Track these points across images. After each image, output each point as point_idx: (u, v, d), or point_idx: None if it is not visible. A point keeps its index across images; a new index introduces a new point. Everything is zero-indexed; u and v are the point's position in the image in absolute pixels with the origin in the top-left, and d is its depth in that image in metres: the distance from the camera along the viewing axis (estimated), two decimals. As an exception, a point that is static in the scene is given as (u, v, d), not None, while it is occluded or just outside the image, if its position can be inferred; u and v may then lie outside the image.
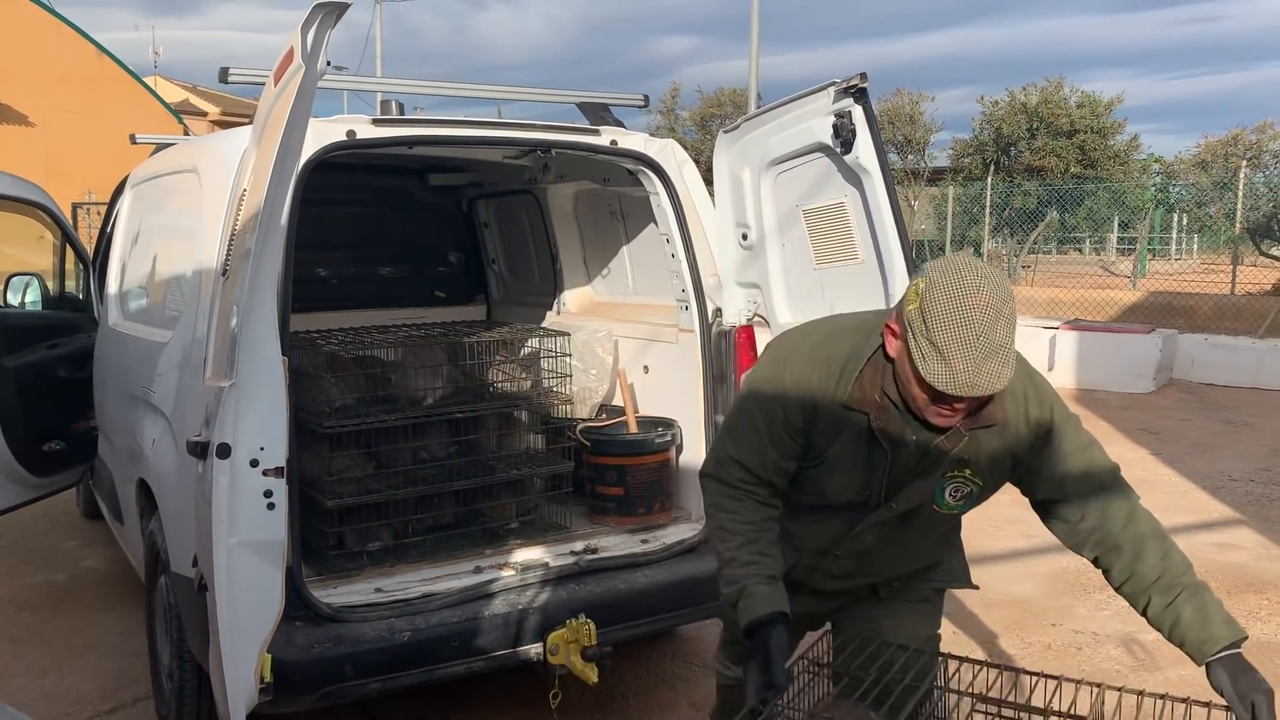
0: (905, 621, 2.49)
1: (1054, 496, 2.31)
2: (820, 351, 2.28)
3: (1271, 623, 4.82)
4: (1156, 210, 24.25)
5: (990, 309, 1.96)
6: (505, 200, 5.50)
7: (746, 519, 2.30)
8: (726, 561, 2.29)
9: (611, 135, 3.89)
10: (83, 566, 5.64)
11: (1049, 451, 2.26)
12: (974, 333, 1.95)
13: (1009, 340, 2.00)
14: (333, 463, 3.86)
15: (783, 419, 2.27)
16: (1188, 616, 2.16)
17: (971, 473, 2.26)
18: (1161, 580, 2.20)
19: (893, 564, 2.47)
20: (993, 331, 1.96)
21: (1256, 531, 6.19)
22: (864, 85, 3.23)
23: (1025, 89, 29.19)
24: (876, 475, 2.26)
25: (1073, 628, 4.75)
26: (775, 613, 2.19)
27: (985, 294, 1.97)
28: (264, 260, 2.64)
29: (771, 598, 2.21)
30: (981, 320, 1.96)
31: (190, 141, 5.40)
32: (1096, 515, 2.27)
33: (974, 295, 1.97)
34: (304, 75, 2.40)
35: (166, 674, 3.61)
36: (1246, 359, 11.45)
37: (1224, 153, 27.95)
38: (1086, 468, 2.27)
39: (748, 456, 2.30)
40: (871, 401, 2.19)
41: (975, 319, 1.96)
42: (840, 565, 2.44)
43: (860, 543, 2.37)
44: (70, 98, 22.28)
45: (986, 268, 2.04)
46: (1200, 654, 2.15)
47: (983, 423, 2.16)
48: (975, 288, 1.97)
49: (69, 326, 5.43)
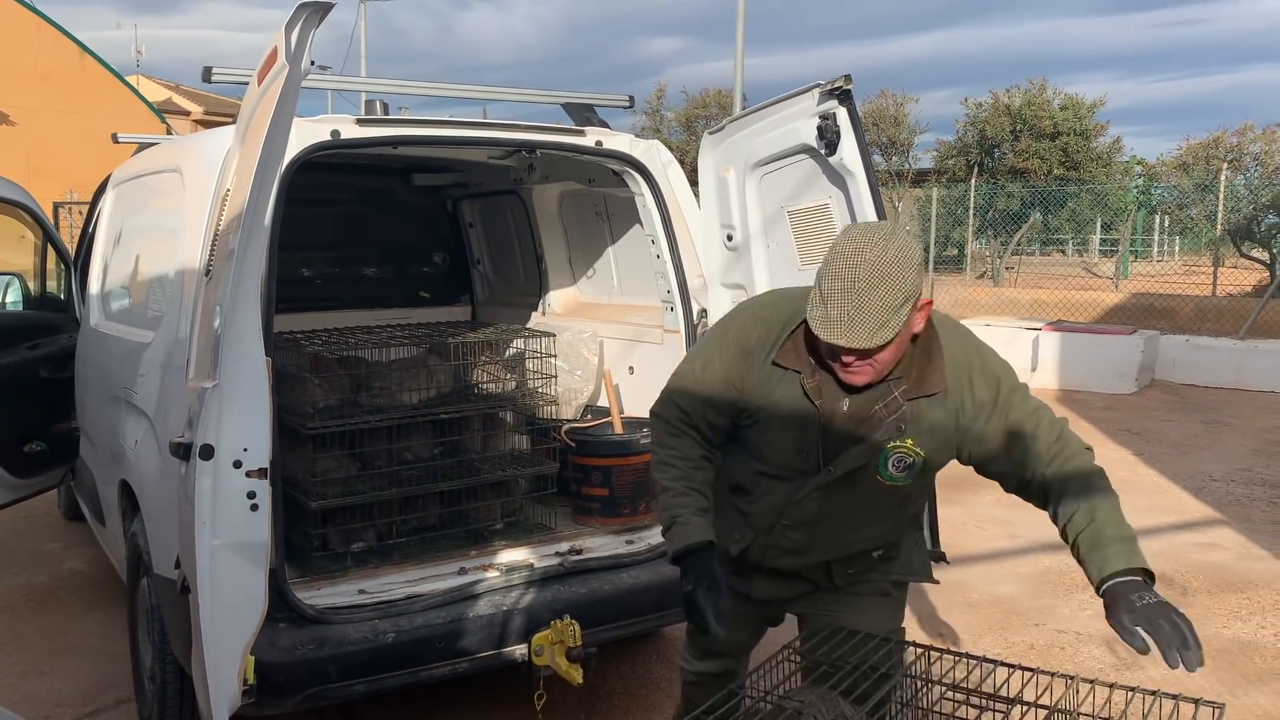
0: (865, 614, 2.50)
1: (1005, 469, 2.34)
2: (765, 312, 2.39)
3: (1252, 622, 4.86)
4: (1139, 212, 24.39)
5: (878, 268, 2.04)
6: (490, 200, 5.50)
7: (683, 454, 2.43)
8: (663, 490, 2.43)
9: (596, 136, 3.89)
10: (64, 568, 5.61)
11: (997, 421, 2.29)
12: (855, 286, 2.03)
13: (892, 302, 2.05)
14: (317, 464, 3.84)
15: (720, 371, 2.37)
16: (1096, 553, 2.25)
17: (913, 443, 2.28)
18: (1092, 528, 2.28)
19: (841, 538, 2.46)
20: (874, 290, 2.03)
21: (1237, 531, 6.24)
22: (848, 87, 3.25)
23: (1009, 91, 29.27)
24: (811, 438, 2.31)
25: (1056, 627, 4.78)
26: (706, 540, 2.33)
27: (877, 253, 2.05)
28: (247, 260, 2.63)
29: (702, 527, 2.35)
30: (866, 277, 2.03)
31: (173, 141, 5.37)
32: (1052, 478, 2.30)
33: (866, 251, 2.05)
34: (288, 75, 2.39)
35: (149, 676, 3.59)
36: (1227, 360, 11.53)
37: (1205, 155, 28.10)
38: (1035, 433, 2.30)
39: (686, 400, 2.42)
40: (805, 362, 2.27)
41: (860, 274, 2.04)
42: (790, 539, 2.44)
43: (804, 510, 2.38)
44: (52, 97, 22.12)
45: (898, 236, 2.11)
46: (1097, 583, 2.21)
47: (922, 391, 2.24)
48: (870, 245, 2.06)
49: (50, 327, 5.39)
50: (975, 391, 2.28)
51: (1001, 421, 2.29)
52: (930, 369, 2.25)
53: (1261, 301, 12.67)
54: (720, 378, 2.38)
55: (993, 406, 2.28)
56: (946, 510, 4.80)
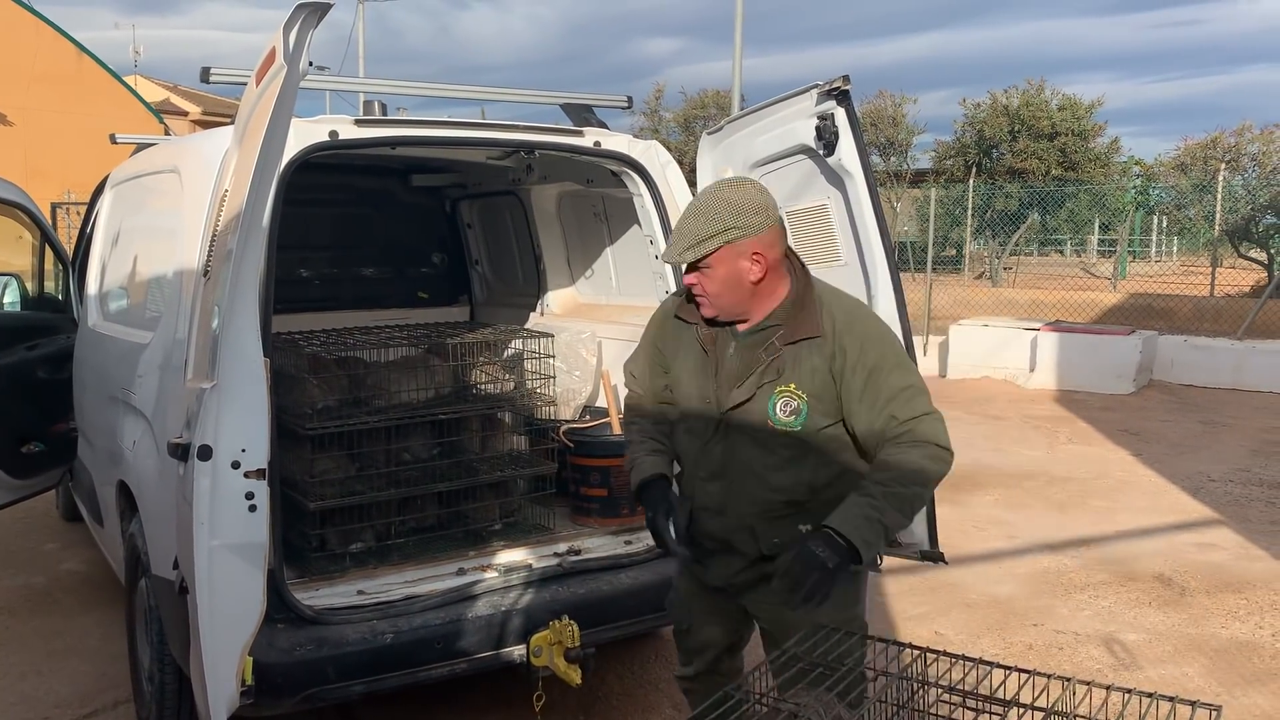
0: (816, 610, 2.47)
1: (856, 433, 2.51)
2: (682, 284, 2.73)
3: (1250, 622, 4.86)
4: (1137, 212, 24.41)
5: (703, 204, 2.49)
6: (489, 201, 5.49)
7: (640, 414, 2.79)
8: (627, 445, 2.77)
9: (595, 136, 3.89)
10: (62, 569, 5.60)
11: (858, 382, 2.46)
12: (683, 215, 2.54)
13: (702, 231, 2.45)
14: (315, 464, 3.84)
15: (651, 336, 2.80)
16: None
17: (795, 386, 2.49)
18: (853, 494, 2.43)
19: (751, 491, 2.56)
20: (694, 218, 2.48)
21: (1235, 532, 6.24)
22: (846, 87, 3.25)
23: (1007, 91, 29.31)
24: (710, 380, 2.58)
25: (1054, 628, 4.78)
26: (658, 474, 2.63)
27: (710, 193, 2.51)
28: (245, 261, 2.63)
29: (655, 464, 2.65)
30: (693, 209, 2.52)
31: (171, 141, 5.37)
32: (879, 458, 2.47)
33: (705, 193, 2.52)
34: (286, 75, 2.39)
35: (147, 677, 3.59)
36: (1225, 360, 11.54)
37: (1203, 155, 28.13)
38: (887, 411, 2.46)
39: (638, 369, 2.83)
40: (699, 315, 2.60)
41: (691, 207, 2.54)
42: (708, 493, 2.62)
43: (712, 458, 2.59)
44: (49, 97, 22.09)
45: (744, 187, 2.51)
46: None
47: (797, 336, 2.50)
48: (713, 188, 2.53)
49: (48, 327, 5.39)
50: (846, 346, 2.48)
51: (861, 385, 2.46)
52: (804, 316, 2.51)
53: (1259, 302, 12.67)
54: (650, 342, 2.78)
55: (859, 368, 2.46)
56: (945, 511, 4.80)
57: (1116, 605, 5.06)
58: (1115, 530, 6.25)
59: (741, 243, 2.45)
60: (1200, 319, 13.50)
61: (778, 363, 2.49)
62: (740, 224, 2.44)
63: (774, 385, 2.49)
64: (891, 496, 2.38)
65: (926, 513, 3.39)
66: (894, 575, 5.39)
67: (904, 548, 3.49)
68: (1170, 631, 4.74)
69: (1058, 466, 7.94)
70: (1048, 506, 6.83)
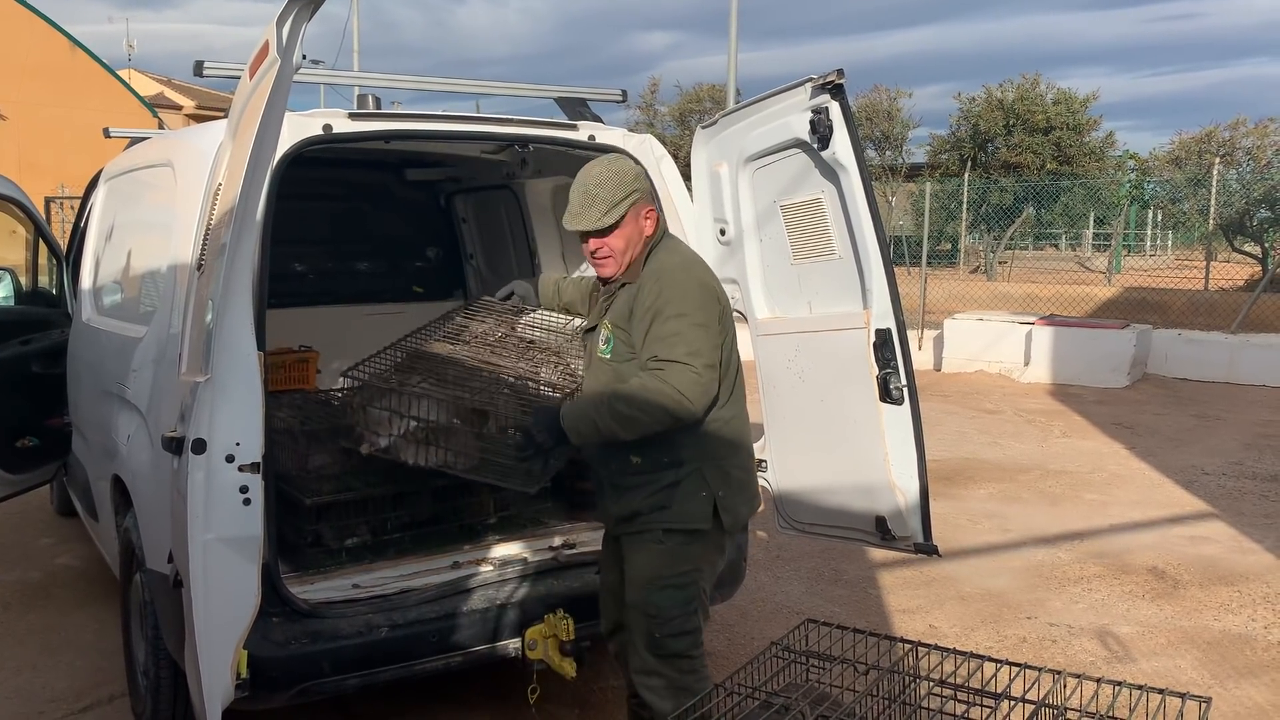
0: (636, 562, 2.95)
1: (639, 357, 2.89)
2: None
3: (1243, 614, 4.88)
4: (1131, 206, 24.44)
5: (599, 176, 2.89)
6: (483, 195, 5.48)
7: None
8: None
9: (589, 130, 3.88)
10: (57, 564, 5.60)
11: (641, 327, 2.86)
12: (582, 187, 2.90)
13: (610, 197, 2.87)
14: (310, 459, 3.84)
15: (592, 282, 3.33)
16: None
17: (610, 322, 2.98)
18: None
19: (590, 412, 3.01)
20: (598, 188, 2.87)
21: (1229, 525, 6.26)
22: (841, 81, 3.25)
23: (1002, 86, 29.32)
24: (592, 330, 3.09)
25: (1047, 620, 4.80)
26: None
27: (600, 166, 2.92)
28: (239, 255, 2.63)
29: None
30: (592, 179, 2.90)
31: (165, 135, 5.35)
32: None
33: (593, 167, 2.93)
34: (279, 68, 2.38)
35: (142, 671, 3.59)
36: (1219, 354, 11.56)
37: (1198, 149, 28.18)
38: (645, 350, 2.85)
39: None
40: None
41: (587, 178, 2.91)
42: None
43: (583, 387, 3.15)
44: (43, 91, 22.04)
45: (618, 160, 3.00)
46: None
47: (624, 280, 2.96)
48: (596, 163, 2.94)
49: (42, 322, 5.38)
50: (646, 289, 2.88)
51: (646, 326, 2.84)
52: (635, 266, 2.96)
53: (1253, 296, 12.69)
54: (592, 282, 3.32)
55: (649, 311, 2.84)
56: (939, 505, 4.82)
57: (1110, 598, 5.08)
58: (1109, 523, 6.27)
59: (640, 204, 2.92)
60: (1194, 313, 13.53)
61: (607, 302, 3.02)
62: (639, 187, 2.93)
63: (604, 319, 3.01)
64: (615, 410, 2.81)
65: (920, 505, 3.40)
66: (889, 569, 5.40)
67: (898, 540, 3.50)
68: (1163, 624, 4.76)
69: (1052, 460, 7.95)
70: (1042, 500, 6.84)
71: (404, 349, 3.81)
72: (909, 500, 3.41)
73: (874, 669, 2.26)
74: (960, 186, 19.58)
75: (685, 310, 2.82)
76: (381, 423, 3.56)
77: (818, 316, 3.65)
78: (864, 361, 3.41)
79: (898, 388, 3.34)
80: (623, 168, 2.94)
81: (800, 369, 3.71)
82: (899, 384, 3.34)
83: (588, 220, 2.89)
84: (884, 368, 3.37)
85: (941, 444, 8.19)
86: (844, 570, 5.36)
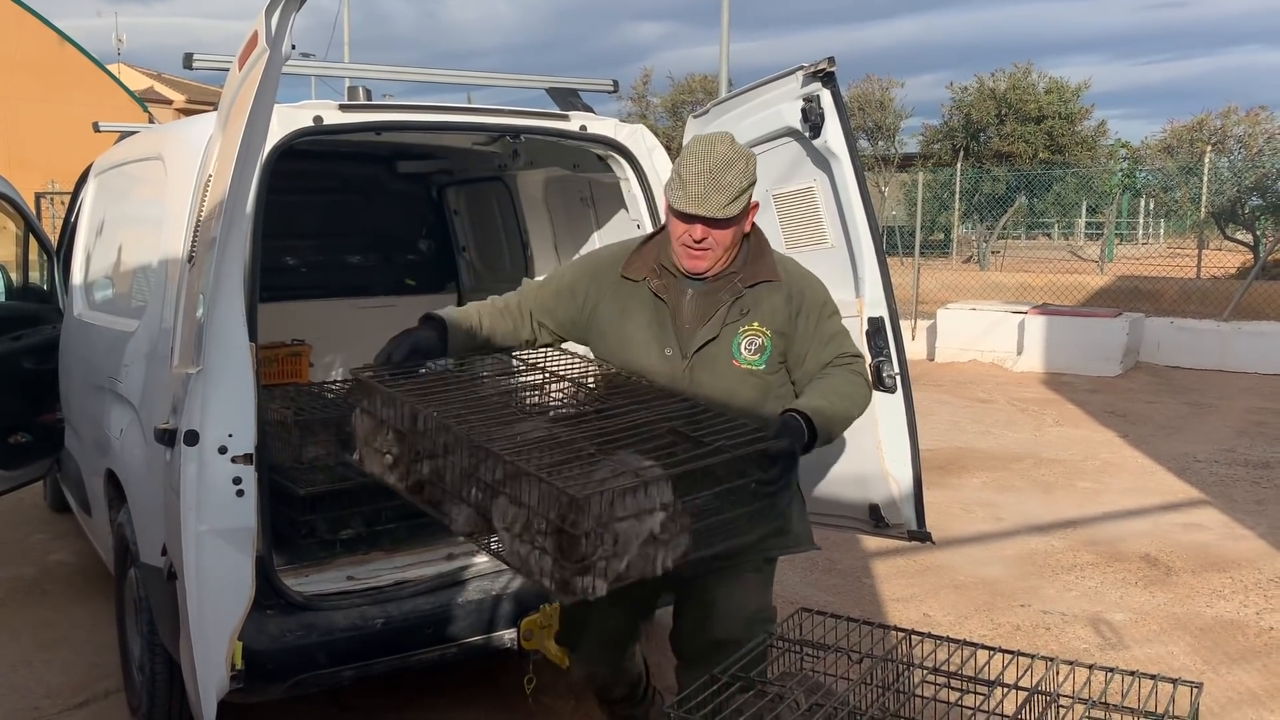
0: (735, 593, 2.59)
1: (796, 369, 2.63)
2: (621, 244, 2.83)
3: (1235, 600, 4.90)
4: (1123, 195, 24.46)
5: (727, 158, 2.45)
6: (475, 187, 5.48)
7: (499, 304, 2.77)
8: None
9: (581, 121, 3.87)
10: (51, 560, 5.59)
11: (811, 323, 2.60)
12: (708, 166, 2.44)
13: (738, 184, 2.45)
14: (304, 450, 3.83)
15: (570, 282, 2.74)
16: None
17: (759, 324, 2.57)
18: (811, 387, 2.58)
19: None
20: (725, 172, 2.44)
21: (1221, 511, 6.29)
22: (832, 69, 3.25)
23: (994, 75, 29.29)
24: (667, 330, 2.59)
25: (1041, 608, 4.81)
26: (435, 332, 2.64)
27: (726, 146, 2.47)
28: (229, 247, 2.62)
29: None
30: (719, 160, 2.44)
31: (154, 129, 5.33)
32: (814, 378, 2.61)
33: (717, 144, 2.47)
34: (269, 59, 2.38)
35: (137, 666, 3.59)
36: (1211, 342, 11.60)
37: (1189, 138, 28.18)
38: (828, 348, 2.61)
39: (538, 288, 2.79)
40: (648, 268, 2.61)
41: (716, 159, 2.44)
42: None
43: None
44: (32, 86, 21.95)
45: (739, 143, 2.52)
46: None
47: (759, 278, 2.58)
48: (720, 141, 2.48)
49: (34, 318, 5.36)
50: (803, 289, 2.62)
51: (814, 324, 2.60)
52: (762, 262, 2.60)
53: (1245, 283, 12.73)
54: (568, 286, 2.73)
55: (812, 309, 2.60)
56: (933, 494, 4.82)
57: (1103, 585, 5.10)
58: (1102, 511, 6.29)
59: (752, 198, 2.54)
60: (1187, 301, 13.56)
61: (742, 302, 2.57)
62: (755, 177, 2.52)
63: (738, 325, 2.56)
64: (840, 404, 2.51)
65: (914, 493, 3.41)
66: (882, 558, 5.42)
67: (892, 528, 3.51)
68: (1156, 611, 4.78)
69: (1045, 449, 7.97)
70: (1035, 488, 6.86)
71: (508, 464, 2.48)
72: (902, 488, 3.42)
73: (868, 657, 2.26)
74: (953, 176, 19.58)
75: (837, 309, 2.69)
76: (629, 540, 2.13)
77: (810, 306, 3.65)
78: (857, 350, 3.41)
79: (890, 376, 3.35)
80: (746, 151, 2.52)
81: (793, 358, 3.71)
82: (892, 372, 3.35)
83: (712, 205, 2.43)
84: (877, 356, 3.37)
85: (935, 433, 8.20)
86: (838, 560, 5.37)
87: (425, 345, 2.60)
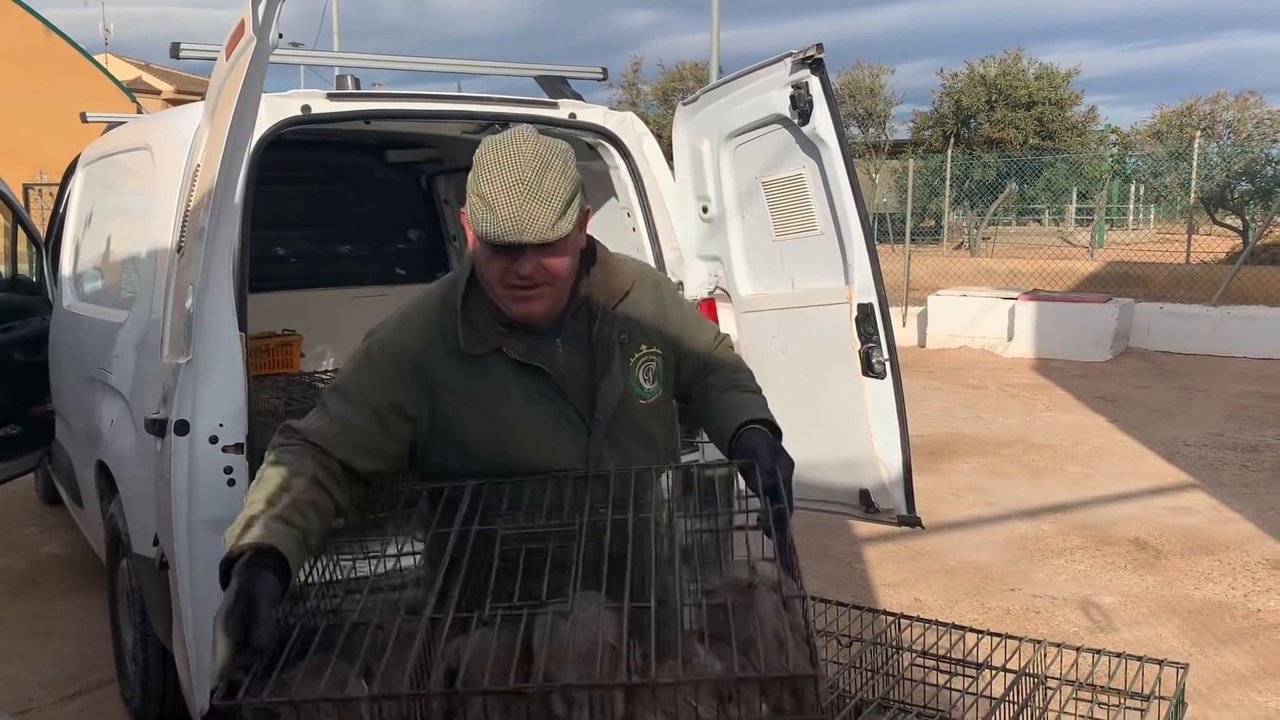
0: None
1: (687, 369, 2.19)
2: (412, 315, 2.04)
3: (1223, 583, 4.94)
4: (1114, 181, 24.52)
5: (538, 158, 1.82)
6: (465, 176, 5.46)
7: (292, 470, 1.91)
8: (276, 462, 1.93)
9: (570, 108, 3.87)
10: (42, 552, 5.58)
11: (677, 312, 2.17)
12: (518, 176, 1.80)
13: (559, 190, 1.82)
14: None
15: (388, 396, 1.95)
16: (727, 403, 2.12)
17: (648, 345, 2.07)
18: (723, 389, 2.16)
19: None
20: (540, 177, 1.80)
21: (1210, 495, 6.33)
22: (820, 56, 3.25)
23: (984, 61, 29.37)
24: (554, 399, 1.98)
25: (1031, 592, 4.84)
26: (271, 545, 1.72)
27: (531, 146, 1.83)
28: (218, 237, 2.62)
29: (275, 533, 1.76)
30: (526, 166, 1.80)
31: (142, 119, 5.31)
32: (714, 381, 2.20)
33: (520, 144, 1.83)
34: (256, 47, 2.37)
35: (130, 657, 3.59)
36: (1201, 326, 11.65)
37: (1179, 123, 28.29)
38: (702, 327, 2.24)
39: (325, 444, 1.95)
40: (494, 332, 1.95)
41: (519, 165, 1.80)
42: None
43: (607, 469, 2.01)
44: (18, 76, 21.81)
45: (544, 135, 1.89)
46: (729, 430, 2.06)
47: (621, 292, 2.05)
48: (523, 140, 1.84)
49: (23, 310, 5.35)
50: (659, 282, 2.19)
51: (680, 309, 2.19)
52: (613, 273, 2.06)
53: (1234, 268, 12.78)
54: (386, 402, 1.95)
55: (671, 291, 2.21)
56: (923, 479, 4.85)
57: (1092, 569, 5.13)
58: (1092, 495, 6.33)
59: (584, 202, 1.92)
60: (1176, 286, 13.61)
61: (622, 328, 2.03)
62: (578, 174, 1.89)
63: (629, 357, 2.04)
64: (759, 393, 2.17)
65: (903, 478, 3.42)
66: (873, 543, 5.44)
67: (882, 513, 3.52)
68: (1145, 594, 4.81)
69: (1035, 434, 8.01)
70: (1025, 473, 6.89)
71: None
72: (892, 473, 3.43)
73: (857, 641, 2.28)
74: (943, 163, 19.60)
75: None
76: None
77: (800, 292, 3.66)
78: (846, 336, 3.42)
79: (880, 362, 3.36)
80: (560, 144, 1.88)
81: (783, 344, 3.72)
82: (881, 358, 3.36)
83: (536, 225, 1.80)
84: (866, 342, 3.38)
85: (925, 419, 8.23)
86: (830, 545, 5.40)
87: (274, 596, 1.67)
